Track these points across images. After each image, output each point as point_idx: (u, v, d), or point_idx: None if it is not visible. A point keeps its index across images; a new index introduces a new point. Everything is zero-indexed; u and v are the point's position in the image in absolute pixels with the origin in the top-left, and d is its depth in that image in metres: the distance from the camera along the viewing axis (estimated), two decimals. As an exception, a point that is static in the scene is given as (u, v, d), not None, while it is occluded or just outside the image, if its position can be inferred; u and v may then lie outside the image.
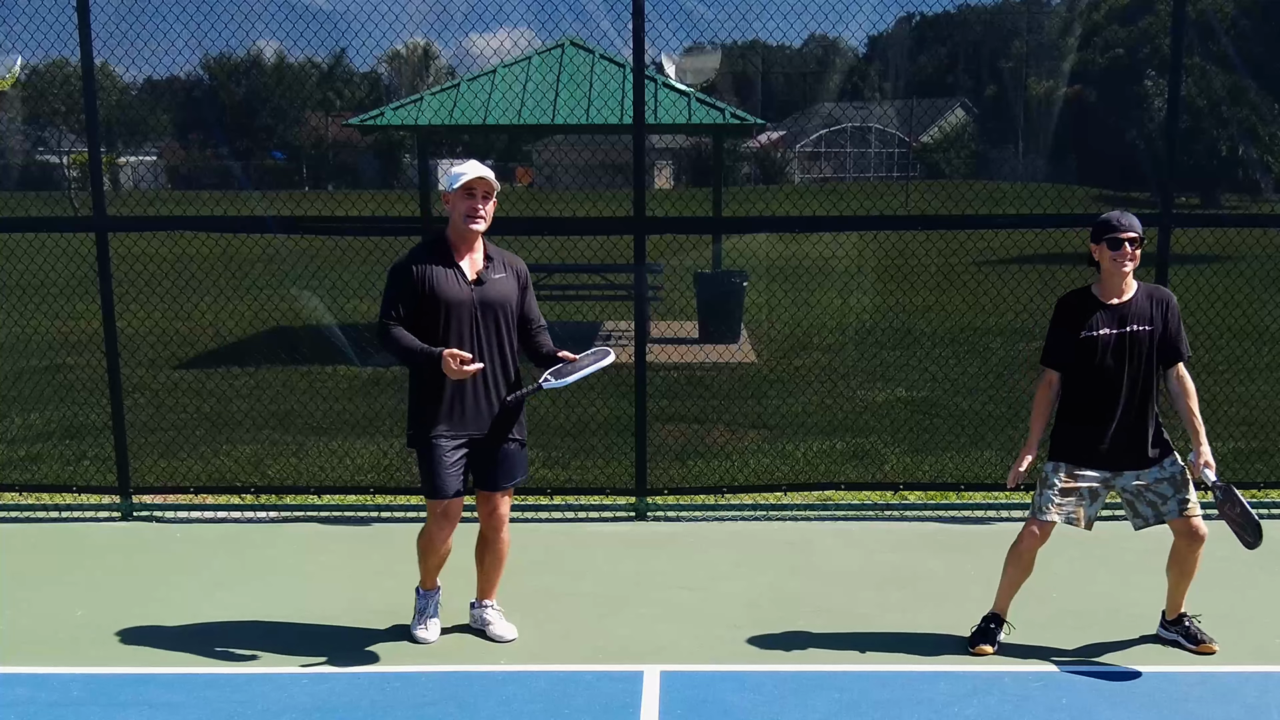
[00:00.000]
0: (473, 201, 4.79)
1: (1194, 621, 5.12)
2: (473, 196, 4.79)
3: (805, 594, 5.73)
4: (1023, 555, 5.07)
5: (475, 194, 4.80)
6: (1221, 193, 27.93)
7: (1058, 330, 4.97)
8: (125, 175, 18.25)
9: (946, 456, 8.12)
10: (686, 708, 4.52)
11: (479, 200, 4.81)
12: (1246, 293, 9.26)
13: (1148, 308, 4.89)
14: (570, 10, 18.04)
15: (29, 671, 4.86)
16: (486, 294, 4.87)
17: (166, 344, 10.57)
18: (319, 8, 8.43)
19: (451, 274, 4.83)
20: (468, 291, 4.83)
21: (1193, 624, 5.11)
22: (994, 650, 5.04)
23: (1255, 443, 8.29)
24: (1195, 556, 4.99)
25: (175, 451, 8.35)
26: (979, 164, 37.87)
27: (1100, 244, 4.85)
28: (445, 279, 4.81)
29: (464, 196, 4.79)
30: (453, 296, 4.80)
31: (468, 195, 4.79)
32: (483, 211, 4.82)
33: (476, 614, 5.27)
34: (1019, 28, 32.98)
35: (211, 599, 5.68)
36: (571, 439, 8.39)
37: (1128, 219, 4.84)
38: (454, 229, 4.87)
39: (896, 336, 12.49)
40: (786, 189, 27.96)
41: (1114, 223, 4.82)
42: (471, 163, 4.86)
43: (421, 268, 4.80)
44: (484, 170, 4.80)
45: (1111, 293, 4.90)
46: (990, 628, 5.11)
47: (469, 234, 4.85)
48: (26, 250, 7.59)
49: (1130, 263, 4.82)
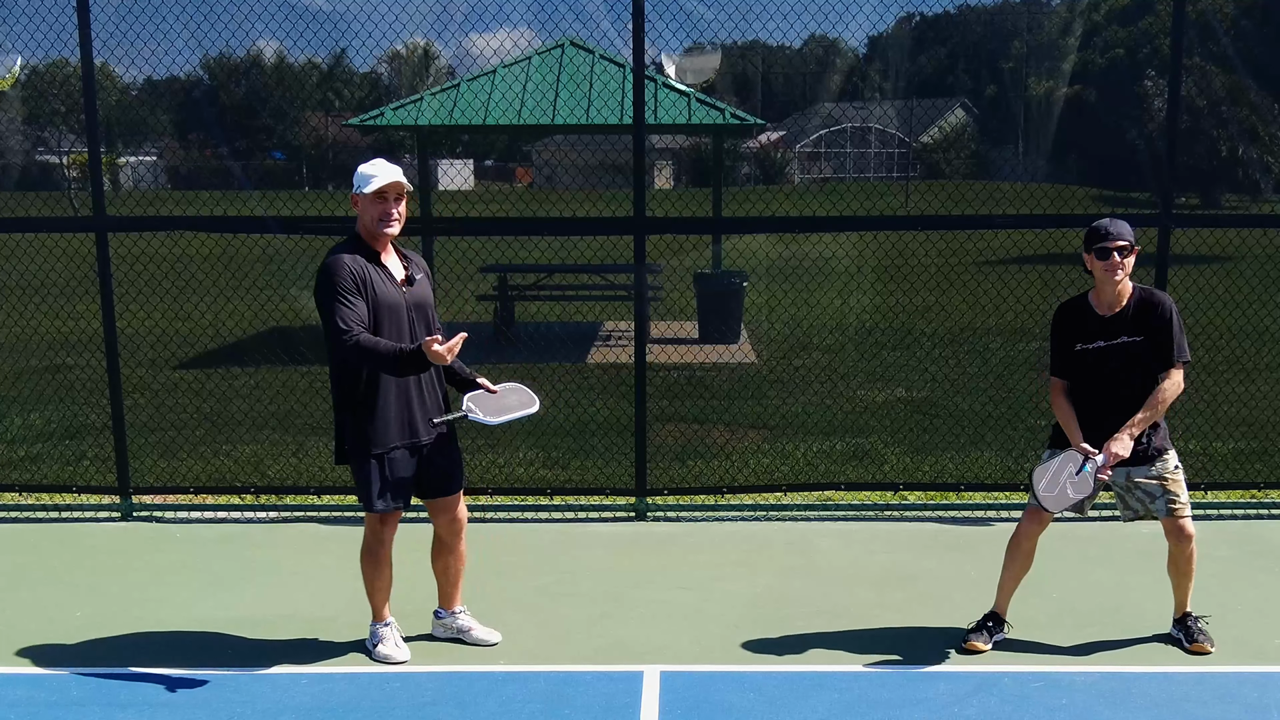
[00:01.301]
0: (385, 205, 4.63)
1: (1198, 621, 5.12)
2: (385, 200, 4.64)
3: (805, 594, 5.73)
4: (1021, 545, 5.09)
5: (387, 197, 4.64)
6: (1221, 193, 27.92)
7: (1054, 341, 4.99)
8: (125, 175, 18.25)
9: (946, 457, 8.12)
10: (686, 708, 4.52)
11: (391, 203, 4.65)
12: (1246, 293, 9.24)
13: (1141, 316, 4.87)
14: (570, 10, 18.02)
15: (29, 672, 4.87)
16: (416, 295, 4.77)
17: (166, 344, 10.56)
18: (319, 8, 8.45)
19: (384, 277, 4.68)
20: (401, 294, 4.71)
21: (1195, 624, 5.11)
22: (988, 648, 5.04)
23: (1255, 443, 8.29)
24: (1186, 555, 5.01)
25: (175, 452, 8.35)
26: (979, 164, 37.86)
27: (1090, 253, 4.84)
28: (382, 282, 4.66)
29: (375, 200, 4.62)
30: (391, 300, 4.67)
31: (379, 199, 4.63)
32: (396, 214, 4.66)
33: (449, 622, 5.19)
34: (1019, 28, 32.96)
35: (211, 599, 5.69)
36: (571, 439, 8.39)
37: (1118, 227, 4.78)
38: (365, 232, 4.69)
39: (896, 337, 12.49)
40: (786, 189, 27.96)
41: (1102, 231, 4.78)
42: (380, 163, 4.69)
43: (360, 271, 4.59)
44: (396, 173, 4.66)
45: (1105, 301, 4.90)
46: (989, 625, 5.11)
47: (383, 237, 4.69)
48: (26, 250, 7.59)
49: (1121, 272, 4.79)
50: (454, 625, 5.18)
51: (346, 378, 4.68)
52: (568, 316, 14.69)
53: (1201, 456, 8.02)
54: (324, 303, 4.55)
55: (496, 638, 5.15)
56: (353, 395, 4.68)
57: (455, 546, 5.07)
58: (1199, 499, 7.19)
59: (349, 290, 4.54)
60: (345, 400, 4.71)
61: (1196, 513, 6.97)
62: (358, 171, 4.67)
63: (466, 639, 5.14)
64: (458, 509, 5.02)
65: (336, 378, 4.72)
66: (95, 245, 6.82)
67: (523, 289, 13.94)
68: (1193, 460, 7.94)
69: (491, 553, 6.36)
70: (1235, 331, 9.31)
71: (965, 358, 11.60)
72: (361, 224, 4.70)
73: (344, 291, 4.53)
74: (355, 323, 4.51)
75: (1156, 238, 6.73)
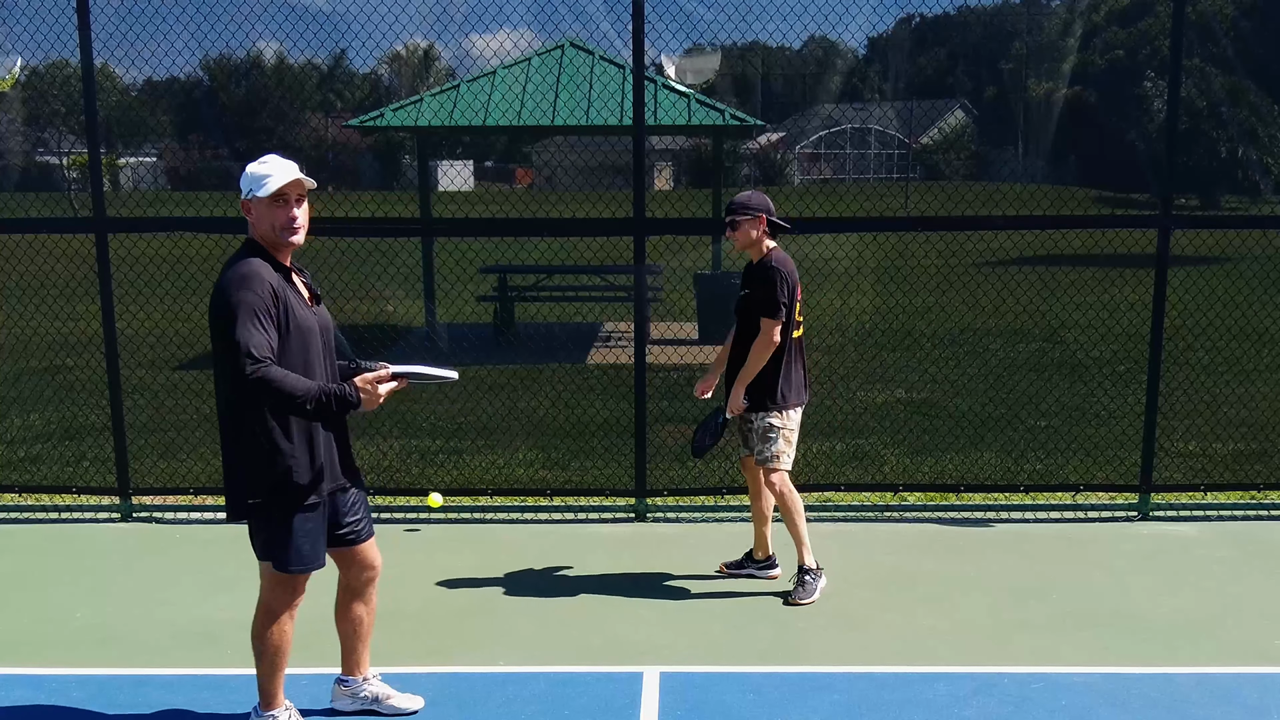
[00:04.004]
0: (287, 210, 3.88)
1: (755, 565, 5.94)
2: (286, 204, 3.89)
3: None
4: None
5: (289, 200, 3.89)
6: (1221, 194, 27.94)
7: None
8: (125, 176, 18.24)
9: (946, 458, 8.13)
10: (686, 708, 4.52)
11: (293, 206, 3.90)
12: (1246, 294, 9.26)
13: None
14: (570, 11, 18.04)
15: (29, 672, 4.86)
16: (323, 318, 4.07)
17: (166, 345, 10.55)
18: (319, 8, 8.44)
19: (296, 295, 3.94)
20: (313, 316, 3.99)
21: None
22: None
23: (1254, 444, 8.30)
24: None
25: (175, 452, 8.35)
26: (978, 165, 37.87)
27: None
28: (297, 302, 3.91)
29: (274, 204, 3.87)
30: (306, 323, 3.92)
31: (279, 203, 3.88)
32: (300, 221, 3.92)
33: (363, 690, 4.46)
34: (1019, 29, 32.97)
35: (211, 599, 5.69)
36: (571, 440, 8.40)
37: (742, 196, 5.54)
38: (266, 242, 3.92)
39: (896, 338, 12.49)
40: (786, 190, 27.97)
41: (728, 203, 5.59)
42: (273, 160, 3.94)
43: (275, 289, 3.82)
44: (293, 170, 3.92)
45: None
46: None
47: (287, 248, 3.94)
48: (26, 251, 7.59)
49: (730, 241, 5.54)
50: (370, 694, 4.48)
51: (253, 414, 3.87)
52: (568, 317, 14.69)
53: (1201, 457, 8.03)
54: (229, 321, 3.72)
55: (419, 704, 4.50)
56: (260, 436, 3.88)
57: (370, 597, 4.38)
58: (1199, 499, 7.20)
59: (264, 310, 3.76)
60: (250, 442, 3.90)
61: (1196, 513, 7.03)
62: (246, 172, 3.92)
63: (381, 709, 4.46)
64: (375, 553, 4.35)
65: (237, 415, 3.91)
66: (95, 246, 6.82)
67: (523, 290, 13.95)
68: (1192, 461, 7.95)
69: (491, 553, 6.36)
70: (1235, 332, 9.31)
71: (965, 358, 11.60)
72: (258, 233, 3.92)
73: (258, 311, 3.74)
74: (266, 351, 3.72)
75: (1156, 239, 6.74)
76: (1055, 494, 7.31)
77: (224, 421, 3.99)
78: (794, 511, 5.66)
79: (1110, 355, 11.44)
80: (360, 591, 4.37)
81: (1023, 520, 6.99)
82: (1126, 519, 6.99)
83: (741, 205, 5.51)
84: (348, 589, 4.38)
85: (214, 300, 3.83)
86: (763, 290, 5.47)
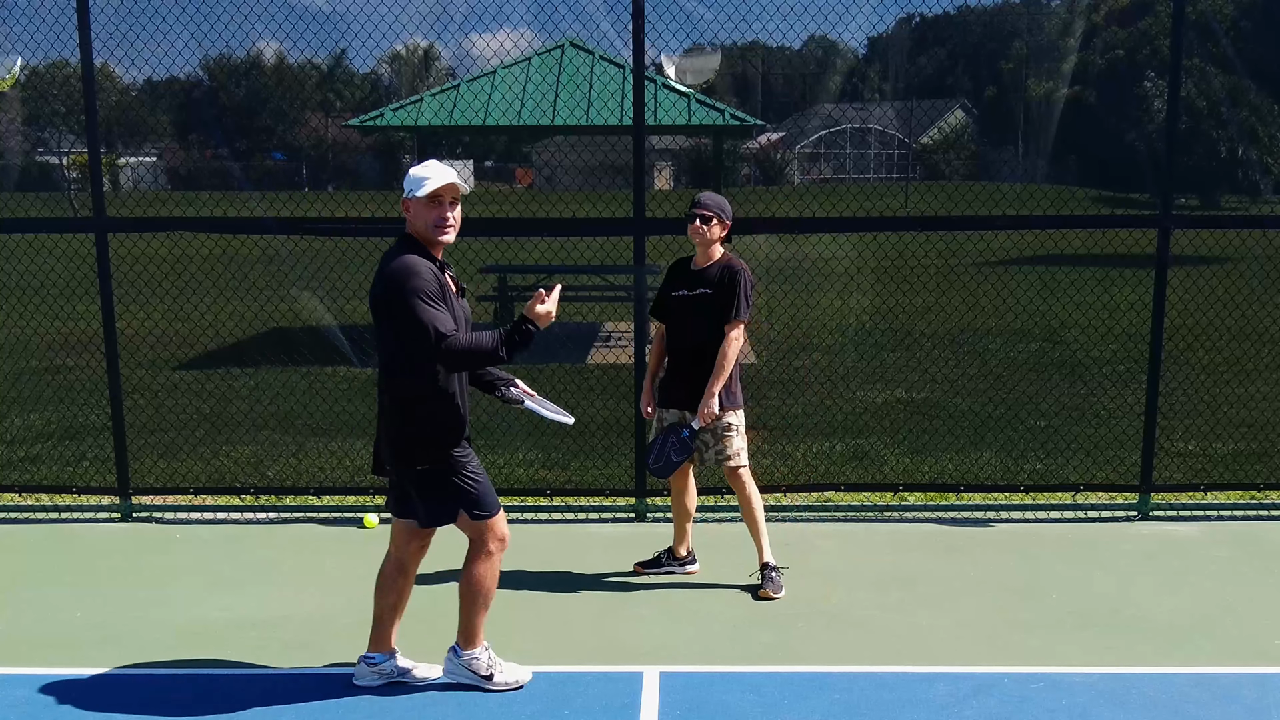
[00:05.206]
0: (441, 210, 4.33)
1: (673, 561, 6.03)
2: (440, 204, 4.33)
3: (805, 594, 5.73)
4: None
5: (443, 201, 4.33)
6: (1221, 194, 27.95)
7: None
8: (125, 176, 18.24)
9: (946, 458, 8.13)
10: (686, 708, 4.52)
11: (447, 207, 4.35)
12: (1246, 294, 9.26)
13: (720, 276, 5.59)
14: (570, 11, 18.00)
15: (29, 672, 4.86)
16: (465, 308, 4.50)
17: (166, 345, 10.57)
18: (319, 8, 8.45)
19: (450, 287, 4.40)
20: (461, 306, 4.45)
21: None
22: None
23: (1254, 444, 8.30)
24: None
25: (175, 452, 8.35)
26: (978, 165, 37.90)
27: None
28: (451, 292, 4.38)
29: (430, 204, 4.31)
30: (462, 314, 4.41)
31: (434, 203, 4.32)
32: (452, 220, 4.36)
33: (390, 664, 4.74)
34: (1019, 29, 32.99)
35: (211, 599, 5.69)
36: (571, 440, 8.39)
37: (706, 197, 5.60)
38: (420, 237, 4.38)
39: (896, 337, 12.50)
40: (786, 190, 27.98)
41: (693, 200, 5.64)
42: (433, 165, 4.38)
43: (437, 277, 4.30)
44: (451, 174, 4.34)
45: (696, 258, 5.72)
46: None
47: (439, 245, 4.40)
48: (26, 251, 7.59)
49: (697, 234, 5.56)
50: (397, 667, 4.73)
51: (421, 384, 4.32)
52: (568, 317, 14.68)
53: (1201, 457, 8.03)
54: (409, 307, 4.17)
55: (437, 673, 4.74)
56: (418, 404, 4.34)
57: (413, 573, 4.72)
58: (1199, 499, 7.20)
59: (436, 294, 4.23)
60: (420, 416, 4.35)
61: (1196, 513, 7.03)
62: (409, 174, 4.38)
63: (412, 680, 4.72)
64: (431, 531, 4.68)
65: (406, 392, 4.34)
66: (95, 246, 6.82)
67: (523, 290, 13.94)
68: (1192, 461, 7.95)
69: (491, 553, 6.36)
70: (1235, 333, 9.32)
71: (965, 358, 11.60)
72: (414, 229, 4.38)
73: (432, 295, 4.22)
74: (450, 326, 4.21)
75: (1156, 239, 6.74)
76: (1055, 494, 7.31)
77: (393, 400, 4.37)
78: (758, 509, 5.79)
79: (1110, 355, 11.45)
80: (410, 567, 4.67)
81: (1023, 520, 6.99)
82: (1126, 519, 6.99)
83: (719, 207, 5.60)
84: (398, 564, 4.66)
85: (382, 289, 4.27)
86: (730, 292, 5.51)
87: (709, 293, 5.55)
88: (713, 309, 5.53)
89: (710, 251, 5.63)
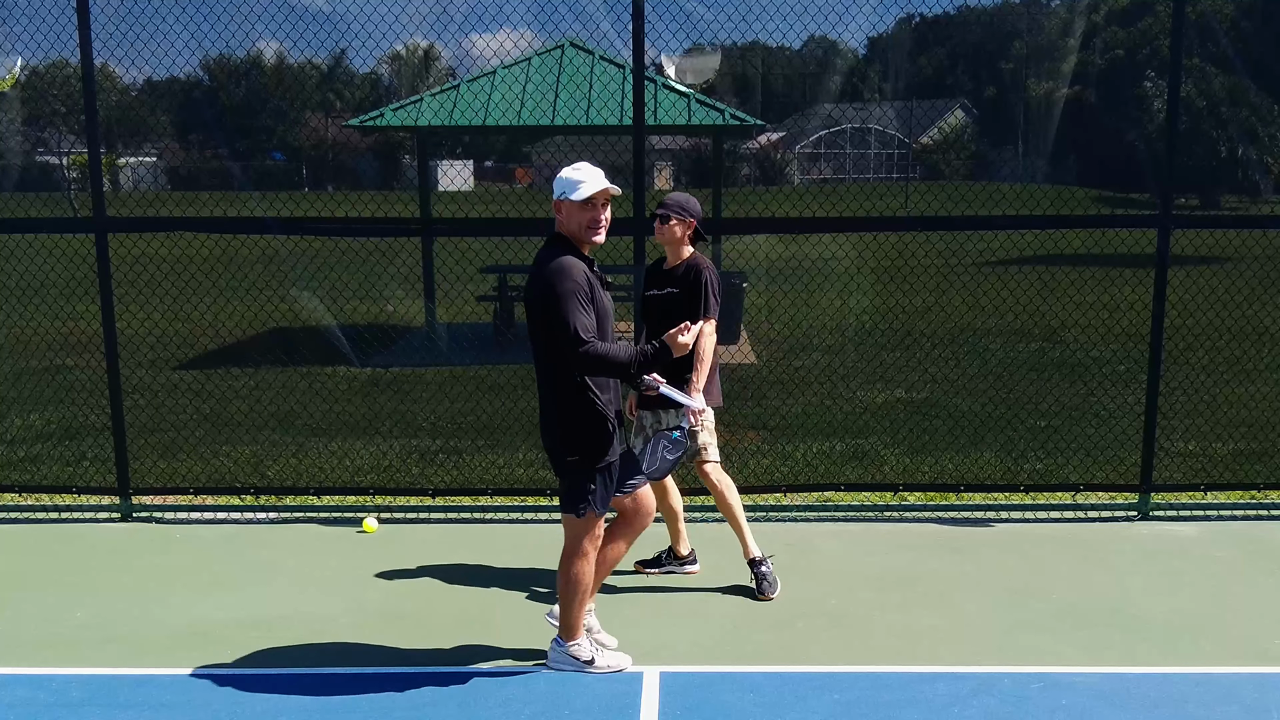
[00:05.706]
0: (594, 212, 4.57)
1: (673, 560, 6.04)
2: (593, 207, 4.57)
3: (805, 594, 5.73)
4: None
5: (596, 204, 4.58)
6: (1221, 194, 27.96)
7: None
8: (125, 176, 18.23)
9: (946, 457, 8.13)
10: (686, 708, 4.52)
11: (599, 210, 4.59)
12: (1246, 294, 9.25)
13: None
14: (570, 11, 18.00)
15: (29, 672, 4.86)
16: (609, 301, 4.72)
17: (166, 345, 10.57)
18: (319, 8, 8.45)
19: (600, 284, 4.64)
20: (609, 301, 4.68)
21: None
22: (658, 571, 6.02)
23: (1254, 444, 8.30)
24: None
25: (175, 452, 8.35)
26: (978, 165, 37.91)
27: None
28: (602, 289, 4.63)
29: (584, 207, 4.55)
30: (608, 308, 4.63)
31: (588, 206, 4.56)
32: (604, 221, 4.62)
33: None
34: (1019, 29, 32.99)
35: (211, 599, 5.69)
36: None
37: (673, 198, 5.63)
38: (572, 237, 4.63)
39: (896, 337, 12.50)
40: (786, 190, 27.98)
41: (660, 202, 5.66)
42: (585, 168, 4.62)
43: (587, 277, 4.54)
44: (604, 178, 4.59)
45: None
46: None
47: (591, 245, 4.65)
48: (26, 251, 7.59)
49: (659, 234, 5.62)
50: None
51: (572, 385, 4.58)
52: (567, 317, 14.66)
53: (1201, 457, 8.03)
54: (559, 307, 4.43)
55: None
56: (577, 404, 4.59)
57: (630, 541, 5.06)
58: (1199, 499, 7.20)
59: (586, 298, 4.48)
60: (568, 408, 4.60)
61: (1196, 513, 7.03)
62: (561, 176, 4.60)
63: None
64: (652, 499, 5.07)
65: (559, 385, 4.60)
66: (95, 246, 6.82)
67: (523, 290, 13.93)
68: (1193, 461, 7.95)
69: (491, 553, 6.37)
70: (1235, 332, 9.32)
71: (965, 358, 11.60)
72: (566, 229, 4.61)
73: (582, 299, 4.47)
74: (591, 332, 4.46)
75: (1156, 239, 6.73)
76: (1055, 494, 7.31)
77: (546, 390, 4.66)
78: (732, 503, 5.76)
79: (1110, 355, 11.45)
80: (632, 533, 4.97)
81: (1023, 520, 6.99)
82: (1126, 519, 7.00)
83: (679, 206, 5.63)
84: (630, 525, 4.95)
85: (536, 287, 4.53)
86: (695, 291, 5.56)
87: (676, 292, 5.61)
88: (681, 309, 5.54)
89: (679, 251, 5.68)
